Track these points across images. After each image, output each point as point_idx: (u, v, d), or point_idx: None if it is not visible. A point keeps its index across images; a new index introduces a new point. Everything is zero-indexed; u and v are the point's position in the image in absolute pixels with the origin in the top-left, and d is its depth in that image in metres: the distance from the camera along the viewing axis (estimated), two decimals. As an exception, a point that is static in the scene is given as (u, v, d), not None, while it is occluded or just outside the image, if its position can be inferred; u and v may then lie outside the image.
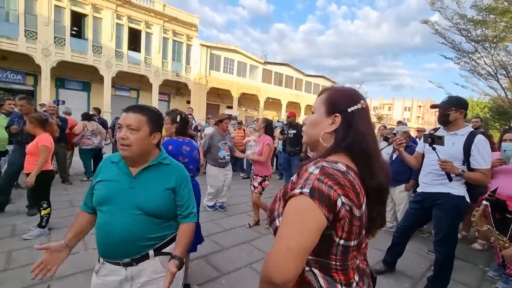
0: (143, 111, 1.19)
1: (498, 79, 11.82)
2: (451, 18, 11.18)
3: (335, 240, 0.70)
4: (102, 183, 1.21)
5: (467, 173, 2.08)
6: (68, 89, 16.98)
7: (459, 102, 2.19)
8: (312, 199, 0.65)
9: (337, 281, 0.74)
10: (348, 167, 0.73)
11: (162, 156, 1.28)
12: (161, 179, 1.23)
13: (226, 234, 3.46)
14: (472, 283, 2.64)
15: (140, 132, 1.15)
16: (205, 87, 21.71)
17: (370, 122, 0.82)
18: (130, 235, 1.13)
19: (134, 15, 17.63)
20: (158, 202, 1.18)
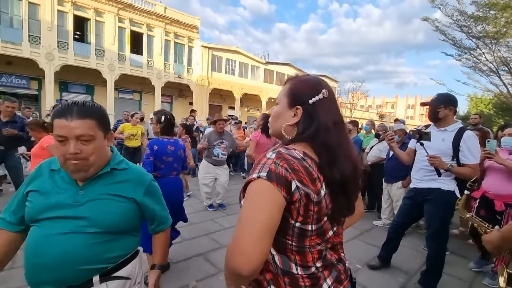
0: (90, 113, 0.94)
1: (499, 75, 11.73)
2: (452, 15, 11.14)
3: (290, 222, 0.72)
4: (38, 194, 0.96)
5: (455, 168, 2.13)
6: (72, 92, 17.20)
7: (448, 99, 2.23)
8: (269, 181, 0.66)
9: (292, 260, 0.74)
10: (305, 154, 0.74)
11: (116, 160, 1.06)
12: (116, 189, 1.01)
13: (225, 233, 3.53)
14: (465, 278, 2.67)
15: (95, 141, 0.94)
16: (207, 88, 21.83)
17: (333, 111, 0.79)
18: (73, 259, 0.90)
19: (135, 18, 17.82)
20: (112, 216, 0.97)
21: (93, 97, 18.01)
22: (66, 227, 0.91)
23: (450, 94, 2.30)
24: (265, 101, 25.75)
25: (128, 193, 1.03)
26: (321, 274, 0.77)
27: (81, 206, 0.95)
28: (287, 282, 0.75)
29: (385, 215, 4.07)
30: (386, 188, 3.98)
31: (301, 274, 0.75)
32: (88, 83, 17.67)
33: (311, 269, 0.75)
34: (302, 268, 0.75)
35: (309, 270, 0.75)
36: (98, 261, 0.94)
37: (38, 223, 0.94)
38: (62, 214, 0.93)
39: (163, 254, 1.19)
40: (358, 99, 30.72)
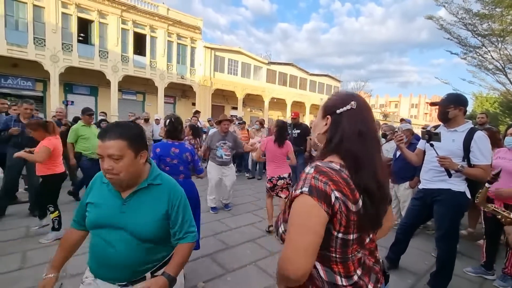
0: (121, 135, 1.06)
1: (506, 73, 11.60)
2: (456, 13, 11.05)
3: (333, 233, 0.75)
4: (93, 206, 1.16)
5: (466, 169, 2.10)
6: (76, 94, 17.34)
7: (458, 99, 2.20)
8: (311, 196, 0.71)
9: (336, 272, 0.78)
10: (342, 166, 0.78)
11: (153, 175, 1.19)
12: (153, 204, 1.15)
13: (231, 233, 3.53)
14: (475, 279, 2.64)
15: (124, 159, 1.05)
16: (210, 88, 21.87)
17: (361, 121, 0.82)
18: (126, 261, 1.10)
19: (139, 20, 17.91)
20: (151, 229, 1.12)
21: (97, 99, 18.15)
22: (116, 235, 1.10)
23: (460, 94, 2.27)
24: (268, 101, 25.73)
25: (162, 208, 1.16)
26: (363, 282, 0.81)
27: (126, 218, 1.11)
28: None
29: (392, 216, 4.03)
30: (393, 188, 3.95)
31: (345, 285, 0.79)
32: (92, 85, 17.79)
33: (353, 278, 0.79)
34: (346, 278, 0.79)
35: (352, 279, 0.79)
36: (147, 263, 1.14)
37: (95, 230, 1.15)
38: (113, 223, 1.11)
39: (178, 265, 1.17)
40: (362, 98, 30.54)
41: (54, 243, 3.00)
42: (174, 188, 1.22)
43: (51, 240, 3.06)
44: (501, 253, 2.76)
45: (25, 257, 2.68)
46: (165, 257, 1.22)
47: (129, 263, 1.10)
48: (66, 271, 2.45)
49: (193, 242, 1.24)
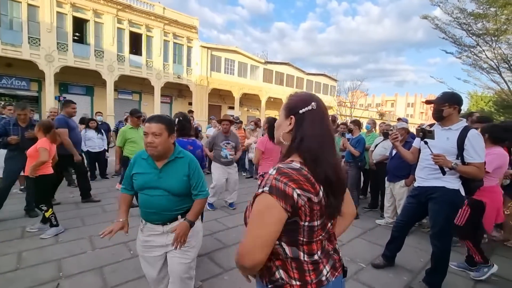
0: (161, 120, 1.60)
1: (500, 72, 11.71)
2: (451, 13, 11.12)
3: (300, 224, 0.84)
4: (138, 175, 1.66)
5: (460, 167, 2.12)
6: (72, 94, 17.17)
7: (453, 97, 2.22)
8: (271, 195, 0.79)
9: (301, 250, 0.88)
10: (302, 164, 0.87)
11: (177, 151, 1.70)
12: (179, 169, 1.67)
13: (228, 232, 3.53)
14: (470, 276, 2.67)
15: (162, 136, 1.57)
16: (207, 88, 21.83)
17: (320, 122, 0.91)
18: (164, 208, 1.64)
19: (134, 19, 17.81)
20: (179, 185, 1.65)
21: (93, 98, 18.02)
22: (157, 192, 1.62)
23: (455, 93, 2.28)
24: (265, 101, 25.75)
25: (185, 172, 1.67)
26: (321, 262, 0.91)
27: (162, 181, 1.63)
28: (294, 266, 0.88)
29: (388, 214, 4.07)
30: (389, 187, 3.98)
31: (306, 260, 0.88)
32: (88, 84, 17.67)
33: (314, 257, 0.89)
34: (308, 255, 0.89)
35: (313, 257, 0.89)
36: (177, 210, 1.68)
37: (142, 191, 1.66)
38: (154, 185, 1.63)
39: (195, 214, 1.70)
40: (358, 98, 30.69)
41: (49, 243, 2.98)
42: (192, 159, 1.73)
43: (51, 236, 3.13)
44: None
45: (20, 257, 2.66)
46: (189, 206, 1.72)
47: (166, 209, 1.64)
48: (62, 272, 2.44)
49: (204, 198, 1.74)
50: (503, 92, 13.18)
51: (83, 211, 4.08)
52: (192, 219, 1.69)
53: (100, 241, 2.99)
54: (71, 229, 3.37)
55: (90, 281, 2.33)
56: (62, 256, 2.72)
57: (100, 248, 2.90)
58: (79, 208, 4.19)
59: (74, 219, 3.73)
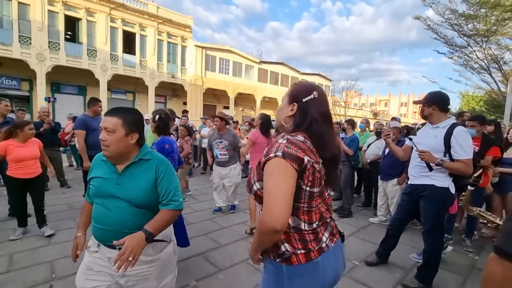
0: (119, 114, 1.29)
1: (490, 72, 11.96)
2: (443, 13, 11.32)
3: (302, 187, 0.95)
4: (95, 179, 1.36)
5: (446, 163, 2.16)
6: (64, 93, 16.95)
7: (431, 98, 2.30)
8: (284, 159, 0.90)
9: (302, 219, 0.98)
10: (305, 138, 0.99)
11: (143, 152, 1.36)
12: (143, 174, 1.33)
13: (223, 232, 3.53)
14: (461, 272, 2.72)
15: (115, 134, 1.25)
16: (201, 88, 21.74)
17: (323, 107, 1.04)
18: (121, 225, 1.27)
19: (128, 18, 17.63)
20: (143, 195, 1.30)
21: (86, 98, 17.78)
22: (114, 203, 1.28)
23: (435, 93, 2.34)
24: (259, 100, 25.75)
25: (151, 177, 1.32)
26: (319, 229, 1.02)
27: (122, 188, 1.29)
28: (297, 238, 0.98)
29: (381, 212, 4.12)
30: (382, 185, 4.03)
31: (307, 230, 0.99)
32: (81, 84, 17.43)
33: (313, 225, 1.00)
34: (308, 225, 0.99)
35: (312, 226, 1.00)
36: (138, 228, 1.23)
37: (97, 199, 1.33)
38: (111, 193, 1.29)
39: (158, 225, 1.28)
40: (352, 97, 30.91)
41: (41, 244, 2.95)
42: (162, 160, 1.39)
43: (54, 231, 3.23)
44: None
45: (12, 259, 2.62)
46: None
47: (124, 226, 1.27)
48: (55, 273, 2.41)
49: (176, 210, 1.34)
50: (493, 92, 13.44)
51: (76, 212, 4.03)
52: (152, 229, 1.23)
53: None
54: (64, 230, 3.33)
55: (83, 282, 2.30)
56: (55, 257, 2.69)
57: (94, 249, 2.88)
58: (72, 209, 4.14)
59: (67, 220, 3.69)
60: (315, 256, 0.97)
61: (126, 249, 1.12)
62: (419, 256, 2.79)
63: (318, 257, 0.98)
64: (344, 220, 4.13)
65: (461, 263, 2.91)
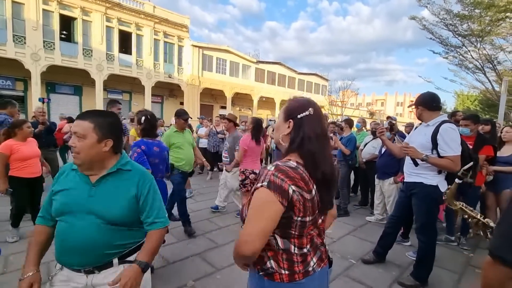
0: (91, 117, 1.14)
1: (485, 72, 12.07)
2: (438, 14, 11.39)
3: (294, 218, 0.92)
4: (61, 192, 1.17)
5: (431, 159, 2.21)
6: (60, 93, 16.82)
7: (418, 100, 2.43)
8: (269, 189, 0.87)
9: (292, 243, 0.96)
10: (298, 163, 0.94)
11: (122, 162, 1.22)
12: (122, 186, 1.19)
13: (220, 232, 3.54)
14: (456, 270, 2.76)
15: (86, 140, 1.11)
16: (198, 87, 21.69)
17: (317, 125, 0.99)
18: (92, 244, 1.11)
19: (124, 17, 17.53)
20: (119, 210, 1.15)
21: (82, 98, 17.67)
22: (84, 219, 1.11)
23: (422, 94, 2.45)
24: (257, 100, 25.76)
25: (131, 191, 1.19)
26: (309, 253, 1.00)
27: (94, 201, 1.13)
28: (284, 257, 0.96)
29: (377, 211, 4.15)
30: (378, 184, 4.06)
31: (296, 253, 0.97)
32: (76, 84, 17.30)
33: (303, 250, 0.98)
34: (298, 249, 0.97)
35: (302, 250, 0.98)
36: (112, 247, 1.14)
37: (62, 217, 1.14)
38: (81, 208, 1.12)
39: (150, 252, 1.19)
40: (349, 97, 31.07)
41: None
42: (144, 174, 1.26)
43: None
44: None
45: (7, 261, 2.60)
46: (133, 244, 1.22)
47: (96, 246, 1.11)
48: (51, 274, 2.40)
49: (163, 228, 1.26)
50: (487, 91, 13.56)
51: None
52: (147, 259, 1.16)
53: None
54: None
55: (80, 283, 2.29)
56: (51, 258, 2.66)
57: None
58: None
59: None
60: (299, 278, 0.96)
61: (126, 286, 1.06)
62: (415, 254, 2.81)
63: (302, 279, 0.97)
64: (341, 219, 4.16)
65: (456, 260, 2.95)
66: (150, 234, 1.23)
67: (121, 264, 1.17)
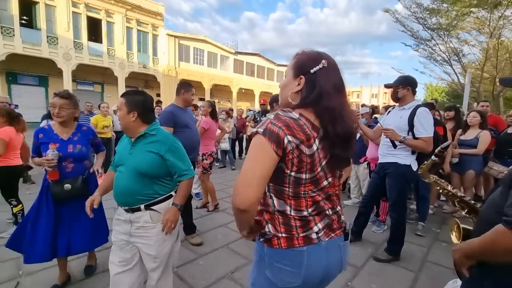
0: (125, 95, 1.56)
1: (451, 64, 12.82)
2: (410, 7, 11.85)
3: (286, 171, 0.86)
4: (117, 152, 1.64)
5: (408, 140, 2.34)
6: (22, 84, 15.64)
7: (406, 80, 2.45)
8: (264, 136, 0.81)
9: (288, 204, 0.89)
10: (301, 115, 0.87)
11: (150, 129, 1.57)
12: (147, 145, 1.53)
13: (202, 220, 3.52)
14: (425, 244, 2.96)
15: (121, 111, 1.52)
16: (175, 79, 21.07)
17: (334, 78, 0.90)
18: (127, 189, 1.50)
19: (92, 3, 16.48)
20: (146, 162, 1.50)
21: (48, 89, 16.54)
22: (126, 170, 1.52)
23: (408, 76, 2.52)
24: (236, 92, 25.56)
25: (155, 149, 1.52)
26: (311, 218, 0.90)
27: (132, 157, 1.52)
28: (281, 221, 0.90)
29: (354, 194, 4.32)
30: (354, 169, 4.21)
31: (293, 215, 0.89)
32: (41, 74, 16.16)
33: (303, 213, 0.90)
34: (296, 211, 0.90)
35: (301, 213, 0.90)
36: (141, 194, 1.51)
37: (117, 167, 1.60)
38: (125, 162, 1.54)
39: (182, 197, 1.58)
40: (326, 88, 31.71)
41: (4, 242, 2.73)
42: (166, 137, 1.59)
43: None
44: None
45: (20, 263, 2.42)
46: (156, 196, 1.55)
47: (129, 191, 1.50)
48: (22, 270, 2.27)
49: (190, 178, 1.60)
50: (453, 83, 14.44)
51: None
52: (180, 202, 1.57)
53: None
54: (30, 226, 3.12)
55: (54, 277, 2.19)
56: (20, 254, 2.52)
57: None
58: (37, 205, 3.88)
59: (33, 216, 3.46)
60: (299, 244, 0.88)
61: (167, 221, 1.50)
62: (379, 227, 3.26)
63: (303, 246, 0.88)
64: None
65: (426, 235, 3.16)
66: (180, 184, 1.60)
67: (147, 210, 1.52)
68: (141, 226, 1.52)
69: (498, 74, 11.10)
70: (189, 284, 2.17)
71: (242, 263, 2.47)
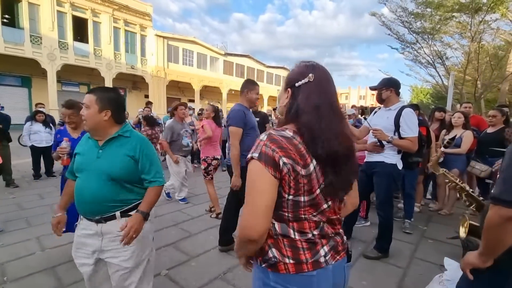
0: (96, 91, 1.40)
1: (435, 67, 13.23)
2: (395, 11, 12.17)
3: (284, 196, 0.81)
4: (79, 155, 1.46)
5: (395, 140, 2.42)
6: (4, 85, 15.11)
7: (389, 82, 2.54)
8: (260, 161, 0.78)
9: (290, 227, 0.84)
10: (295, 133, 0.82)
11: (123, 130, 1.45)
12: (122, 150, 1.41)
13: (193, 222, 3.50)
14: (412, 241, 3.05)
15: (90, 109, 1.36)
16: (164, 80, 20.84)
17: (316, 95, 0.83)
18: (99, 197, 1.36)
19: (77, 2, 16.10)
20: (119, 167, 1.37)
21: (31, 90, 16.06)
22: (93, 176, 1.36)
23: (392, 78, 2.62)
24: (226, 93, 25.50)
25: (129, 152, 1.40)
26: (318, 241, 0.85)
27: (100, 161, 1.38)
28: (286, 244, 0.84)
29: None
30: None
31: (298, 238, 0.84)
32: (24, 75, 15.66)
33: (308, 235, 0.84)
34: (300, 233, 0.84)
35: (306, 235, 0.84)
36: (115, 201, 1.38)
37: (79, 174, 1.43)
38: (91, 167, 1.38)
39: (148, 203, 1.44)
40: (315, 90, 32.06)
41: None
42: (141, 140, 1.48)
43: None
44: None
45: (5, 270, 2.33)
46: (132, 201, 1.44)
47: (102, 199, 1.36)
48: (7, 276, 2.20)
49: (160, 186, 1.49)
50: (437, 85, 14.90)
51: (27, 211, 3.68)
52: (146, 210, 1.41)
53: (50, 241, 2.76)
54: (15, 231, 3.03)
55: (41, 282, 2.14)
56: (5, 259, 2.45)
57: (51, 248, 2.67)
58: (22, 209, 3.77)
59: (17, 220, 3.36)
60: (308, 269, 0.82)
61: (130, 229, 1.32)
62: (364, 221, 3.38)
63: (312, 271, 0.83)
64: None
65: (413, 233, 3.25)
66: (149, 190, 1.46)
67: (123, 217, 1.40)
68: (114, 236, 1.37)
69: (479, 77, 11.53)
70: (181, 286, 2.16)
71: (234, 263, 2.47)
